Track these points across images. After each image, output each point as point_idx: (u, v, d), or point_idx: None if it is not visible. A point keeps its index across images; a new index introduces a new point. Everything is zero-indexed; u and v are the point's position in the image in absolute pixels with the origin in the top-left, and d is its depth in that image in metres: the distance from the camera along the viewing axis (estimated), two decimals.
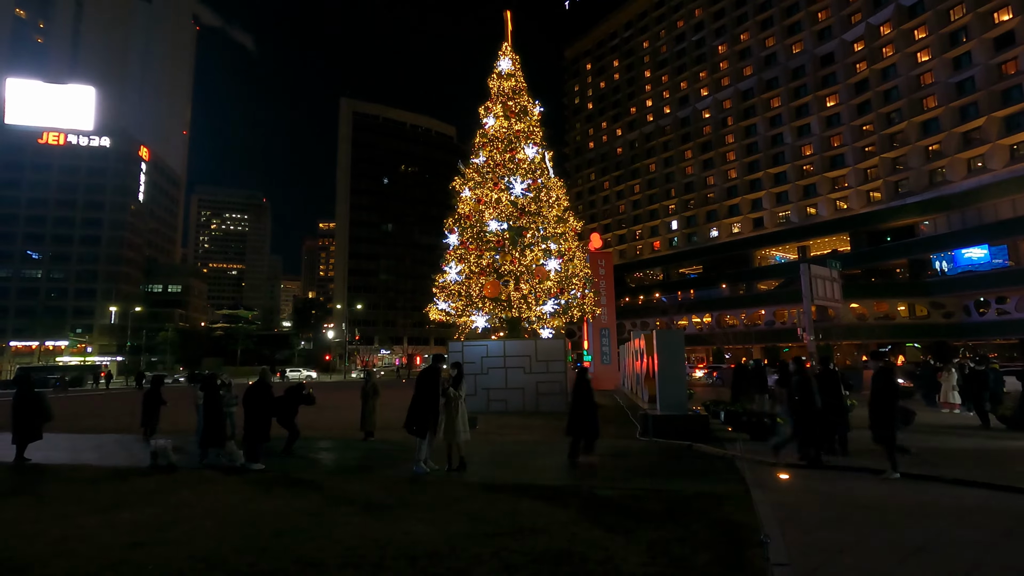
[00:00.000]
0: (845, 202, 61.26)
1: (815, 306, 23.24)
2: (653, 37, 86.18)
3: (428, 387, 8.53)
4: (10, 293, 79.11)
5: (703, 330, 67.84)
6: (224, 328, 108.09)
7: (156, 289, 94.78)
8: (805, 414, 8.93)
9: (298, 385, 11.45)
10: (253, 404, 9.96)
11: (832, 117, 62.90)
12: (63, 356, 76.40)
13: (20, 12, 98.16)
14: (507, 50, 23.49)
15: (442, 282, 21.34)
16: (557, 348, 18.90)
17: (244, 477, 8.61)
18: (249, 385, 10.78)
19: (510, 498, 7.00)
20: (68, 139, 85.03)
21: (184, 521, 6.18)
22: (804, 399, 8.96)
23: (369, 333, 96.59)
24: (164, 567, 4.74)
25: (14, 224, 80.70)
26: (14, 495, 7.92)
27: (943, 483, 7.59)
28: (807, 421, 8.93)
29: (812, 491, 7.36)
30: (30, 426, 10.52)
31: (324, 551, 5.05)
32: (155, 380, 13.20)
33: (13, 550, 5.28)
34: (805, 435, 9.00)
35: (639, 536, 5.36)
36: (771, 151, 68.20)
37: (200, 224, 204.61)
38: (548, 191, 21.61)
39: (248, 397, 10.51)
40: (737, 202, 71.20)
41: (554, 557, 4.83)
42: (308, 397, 11.15)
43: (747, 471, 8.33)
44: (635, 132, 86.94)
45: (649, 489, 7.40)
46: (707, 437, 11.24)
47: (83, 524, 6.15)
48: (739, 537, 5.33)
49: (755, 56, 70.76)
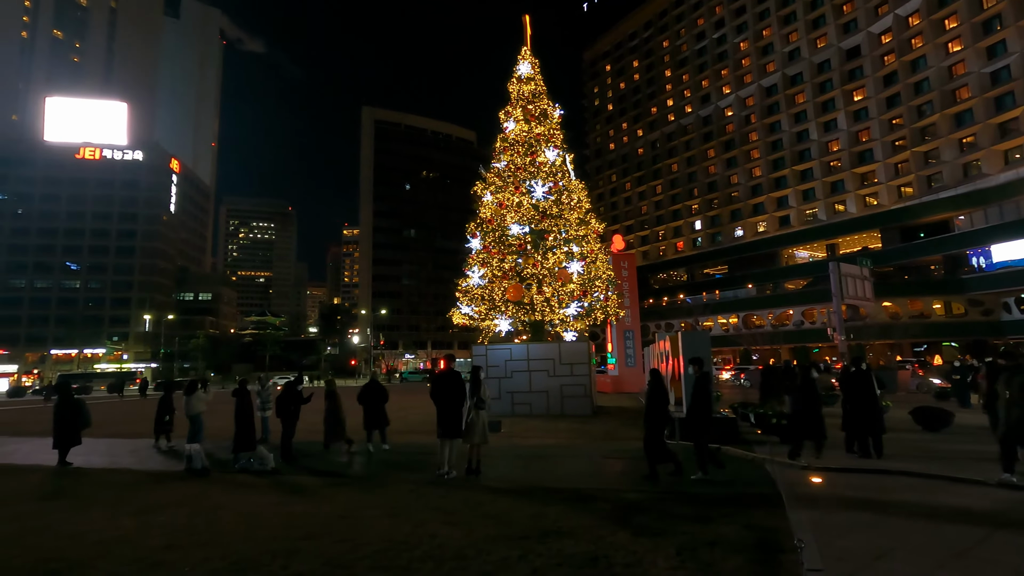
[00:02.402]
0: (875, 198, 59.69)
1: (845, 305, 22.67)
2: (673, 36, 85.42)
3: (451, 391, 8.58)
4: (51, 303, 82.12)
5: (729, 331, 66.75)
6: (253, 334, 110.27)
7: (188, 297, 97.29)
8: (803, 417, 9.26)
9: (295, 380, 11.58)
10: (287, 408, 10.27)
11: (859, 112, 61.40)
12: (100, 363, 78.89)
13: (58, 33, 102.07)
14: (526, 54, 23.55)
15: (465, 286, 21.43)
16: (581, 351, 18.81)
17: (274, 480, 8.77)
18: (281, 390, 11.02)
19: (535, 502, 6.99)
20: (103, 154, 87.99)
21: (217, 523, 6.33)
22: (806, 402, 9.31)
23: (393, 338, 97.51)
24: (199, 568, 4.87)
25: (54, 237, 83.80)
26: (57, 498, 8.22)
27: (987, 486, 7.31)
28: (802, 423, 9.28)
29: (845, 495, 7.16)
30: (71, 431, 10.93)
31: (353, 553, 5.12)
32: (166, 387, 13.53)
33: (58, 550, 5.48)
34: (796, 434, 9.31)
35: (667, 540, 5.30)
36: (796, 148, 66.89)
37: (229, 233, 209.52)
38: (569, 194, 21.56)
39: (281, 402, 10.75)
40: (762, 200, 69.95)
41: (581, 561, 4.80)
42: (305, 396, 11.41)
43: (777, 474, 8.17)
44: (656, 132, 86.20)
45: (676, 492, 7.31)
46: (735, 440, 11.05)
47: (122, 526, 6.35)
48: (770, 541, 5.23)
49: (778, 52, 69.55)
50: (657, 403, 8.22)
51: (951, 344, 51.77)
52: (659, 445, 8.10)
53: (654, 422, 8.17)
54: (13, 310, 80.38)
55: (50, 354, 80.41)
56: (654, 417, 8.19)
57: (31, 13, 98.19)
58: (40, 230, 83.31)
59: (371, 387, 11.76)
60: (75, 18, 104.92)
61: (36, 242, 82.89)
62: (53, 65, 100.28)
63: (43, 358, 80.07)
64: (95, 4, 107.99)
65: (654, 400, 8.25)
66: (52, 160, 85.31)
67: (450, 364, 8.99)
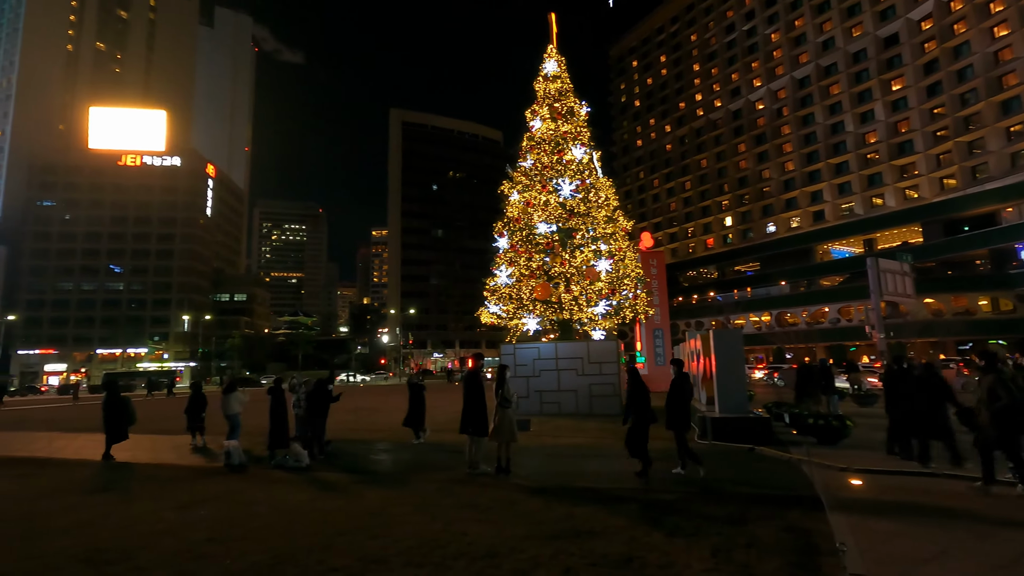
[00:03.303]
0: (915, 191, 57.51)
1: (885, 302, 21.94)
2: (701, 29, 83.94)
3: (475, 389, 8.62)
4: (96, 305, 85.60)
5: (762, 329, 65.32)
6: (286, 334, 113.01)
7: (223, 298, 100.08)
8: (928, 417, 8.69)
9: (325, 379, 11.77)
10: (317, 406, 10.49)
11: (898, 101, 59.27)
12: (143, 362, 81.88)
13: (100, 45, 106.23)
14: (552, 52, 23.46)
15: (492, 285, 21.48)
16: (610, 350, 18.67)
17: (308, 477, 8.96)
18: (312, 388, 11.25)
19: (566, 501, 6.97)
20: (144, 160, 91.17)
21: (255, 518, 6.50)
22: (932, 400, 8.67)
23: (422, 337, 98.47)
24: (240, 561, 5.01)
25: (98, 241, 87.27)
26: (105, 491, 8.57)
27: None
28: (928, 422, 8.69)
29: (887, 498, 6.93)
30: (117, 428, 11.40)
31: (387, 550, 5.19)
32: (195, 386, 13.67)
33: (108, 541, 5.72)
34: (923, 435, 8.76)
35: (701, 541, 5.22)
36: (831, 140, 64.95)
37: (262, 235, 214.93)
38: (597, 191, 21.40)
39: (312, 399, 10.99)
40: (795, 195, 68.17)
41: (614, 561, 4.77)
42: (335, 395, 11.55)
43: (815, 475, 7.96)
44: (685, 128, 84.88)
45: (710, 493, 7.19)
46: (770, 440, 10.81)
47: (166, 519, 6.58)
48: (808, 544, 5.10)
49: (811, 42, 67.64)
50: (640, 400, 8.33)
51: (998, 342, 49.60)
52: (640, 442, 8.27)
53: (639, 418, 8.32)
54: (62, 311, 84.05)
55: (96, 353, 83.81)
56: (639, 414, 8.34)
57: (76, 27, 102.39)
58: (86, 235, 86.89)
59: (413, 387, 12.60)
60: (116, 30, 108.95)
61: (82, 246, 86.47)
62: (96, 76, 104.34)
63: (90, 357, 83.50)
64: (135, 16, 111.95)
65: (637, 397, 8.37)
66: (96, 167, 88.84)
67: (477, 363, 9.02)
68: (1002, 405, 6.88)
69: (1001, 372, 7.01)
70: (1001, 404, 6.89)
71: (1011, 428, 6.84)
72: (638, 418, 8.29)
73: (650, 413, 8.30)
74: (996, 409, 6.93)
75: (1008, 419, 6.84)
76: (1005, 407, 6.86)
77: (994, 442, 6.95)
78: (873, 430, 12.04)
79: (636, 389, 8.43)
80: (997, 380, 6.98)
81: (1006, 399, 6.85)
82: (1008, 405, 6.84)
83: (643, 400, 8.27)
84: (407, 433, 12.92)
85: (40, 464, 11.10)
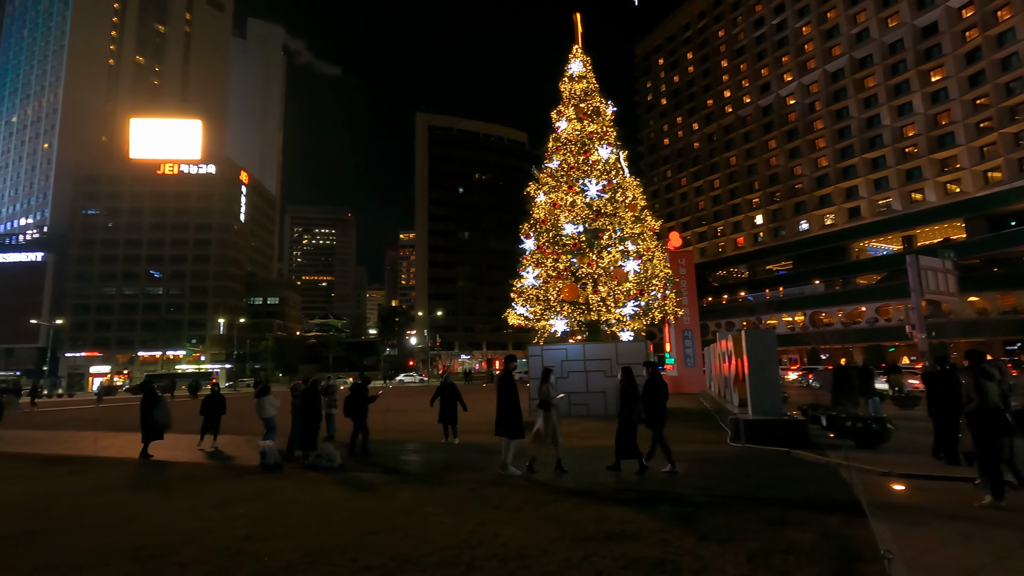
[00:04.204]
0: (957, 185, 55.31)
1: (926, 301, 21.17)
2: (729, 25, 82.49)
3: (508, 391, 8.62)
4: (137, 309, 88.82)
5: (795, 329, 63.76)
6: (317, 336, 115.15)
7: (257, 302, 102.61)
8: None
9: (362, 382, 11.93)
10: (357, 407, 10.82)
11: (938, 93, 57.14)
12: (181, 364, 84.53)
13: (140, 59, 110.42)
14: (577, 52, 23.38)
15: (520, 287, 21.49)
16: (638, 351, 18.47)
17: (341, 477, 9.11)
18: (351, 390, 11.48)
19: (597, 503, 6.92)
20: (181, 168, 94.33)
21: (290, 517, 6.64)
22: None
23: (449, 339, 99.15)
24: (277, 558, 5.12)
25: (139, 247, 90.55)
26: (147, 489, 8.88)
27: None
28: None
29: (932, 503, 6.67)
30: (154, 427, 11.82)
31: (419, 549, 5.24)
32: (213, 386, 13.89)
33: (151, 537, 5.92)
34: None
35: (736, 546, 5.11)
36: (866, 135, 62.99)
37: (293, 240, 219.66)
38: (624, 191, 21.22)
39: (351, 402, 11.25)
40: (829, 192, 66.32)
41: (647, 565, 4.71)
42: (371, 396, 11.73)
43: (855, 480, 7.72)
44: (713, 125, 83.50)
45: (744, 497, 7.04)
46: (806, 443, 10.54)
47: (205, 516, 6.78)
48: (849, 551, 4.95)
49: (844, 34, 65.78)
50: (629, 399, 8.50)
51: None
52: (628, 440, 8.40)
53: (626, 417, 8.46)
54: (105, 316, 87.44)
55: (137, 356, 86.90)
56: (626, 412, 8.48)
57: (116, 42, 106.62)
58: (127, 241, 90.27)
59: (446, 387, 12.81)
60: (154, 44, 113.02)
61: (124, 253, 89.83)
62: (136, 89, 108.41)
63: (132, 359, 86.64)
64: (172, 30, 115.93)
65: (627, 396, 8.55)
66: (137, 176, 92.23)
67: (508, 365, 9.03)
68: (972, 408, 6.61)
69: (982, 373, 6.65)
70: (971, 407, 6.63)
71: (981, 433, 6.52)
72: (625, 419, 8.53)
73: (664, 413, 8.75)
74: (967, 412, 6.70)
75: (977, 423, 6.54)
76: (974, 411, 6.58)
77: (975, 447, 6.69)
78: (915, 433, 11.63)
79: (628, 389, 8.64)
80: (972, 382, 6.69)
81: (976, 402, 6.57)
82: (978, 409, 6.54)
83: (632, 401, 8.55)
84: (437, 433, 13.08)
85: (86, 462, 11.56)
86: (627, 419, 8.54)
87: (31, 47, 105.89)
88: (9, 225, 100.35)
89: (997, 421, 6.45)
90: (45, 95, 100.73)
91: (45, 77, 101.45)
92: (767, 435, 10.77)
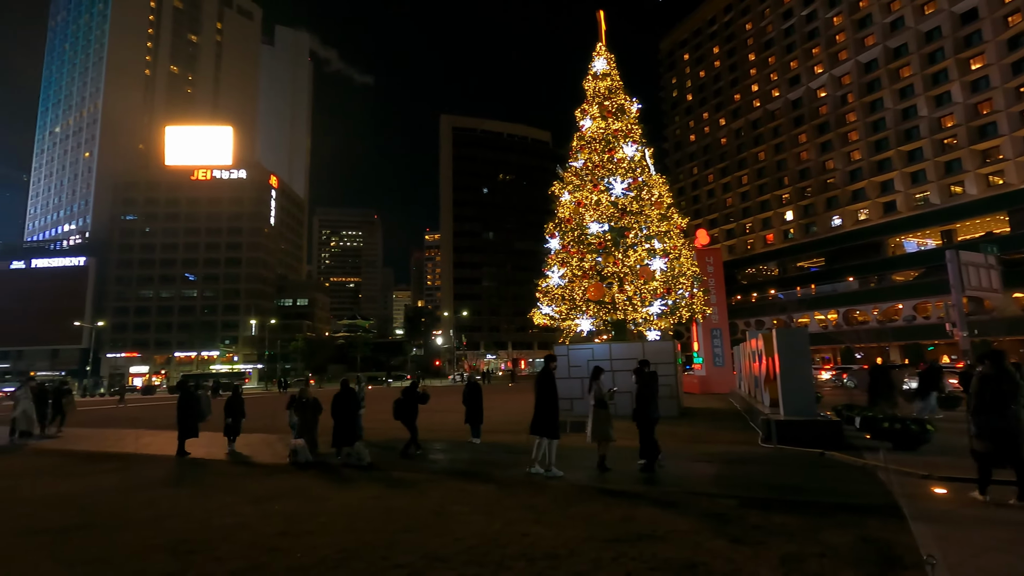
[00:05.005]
0: (1000, 176, 53.11)
1: (967, 297, 20.41)
2: (756, 17, 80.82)
3: (546, 389, 8.59)
4: (173, 311, 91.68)
5: (828, 328, 62.07)
6: (345, 337, 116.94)
7: (287, 303, 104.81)
8: None
9: (413, 384, 12.13)
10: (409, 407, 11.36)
11: (978, 81, 54.97)
12: (215, 364, 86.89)
13: (174, 68, 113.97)
14: (601, 50, 23.21)
15: (545, 286, 21.44)
16: (666, 350, 18.26)
17: (371, 475, 9.24)
18: (403, 392, 11.70)
19: (626, 503, 6.87)
20: (213, 174, 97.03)
21: (322, 514, 6.76)
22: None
23: (475, 339, 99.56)
24: (310, 555, 5.23)
25: (174, 251, 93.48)
26: (185, 486, 9.16)
27: None
28: None
29: (977, 508, 6.43)
30: (190, 425, 12.18)
31: (448, 548, 5.28)
32: (234, 387, 14.01)
33: (188, 533, 6.11)
34: None
35: (769, 549, 5.01)
36: (902, 126, 60.98)
37: (321, 242, 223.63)
38: (650, 189, 20.98)
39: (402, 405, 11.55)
40: (862, 186, 64.40)
41: (677, 566, 4.66)
42: (423, 395, 11.85)
43: (893, 483, 7.49)
44: (740, 120, 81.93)
45: (777, 499, 6.89)
46: (840, 445, 10.25)
47: (240, 512, 6.96)
48: (889, 555, 4.81)
49: (878, 23, 63.78)
50: (645, 398, 8.87)
51: None
52: (650, 438, 8.75)
53: (644, 416, 8.74)
54: (144, 318, 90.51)
55: (174, 356, 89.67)
56: (643, 411, 8.79)
57: (152, 53, 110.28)
58: (163, 246, 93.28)
59: (472, 387, 13.06)
60: (187, 54, 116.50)
61: (160, 257, 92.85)
62: (171, 97, 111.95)
63: (169, 360, 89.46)
64: (204, 40, 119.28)
65: (643, 395, 8.93)
66: (172, 182, 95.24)
67: (548, 364, 9.00)
68: (975, 405, 6.63)
69: (1001, 371, 6.51)
70: (973, 404, 6.66)
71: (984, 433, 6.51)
72: (643, 418, 8.75)
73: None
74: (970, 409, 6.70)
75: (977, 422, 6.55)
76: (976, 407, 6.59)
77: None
78: (957, 434, 11.21)
79: (644, 388, 8.96)
80: (979, 379, 6.67)
81: (974, 400, 6.61)
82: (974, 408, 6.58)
83: (650, 399, 8.88)
84: (465, 433, 13.18)
85: (128, 459, 11.98)
86: (646, 418, 8.74)
87: (72, 60, 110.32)
88: (54, 231, 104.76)
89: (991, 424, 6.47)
90: (86, 106, 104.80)
91: (85, 88, 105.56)
92: (800, 436, 10.53)
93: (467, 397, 12.98)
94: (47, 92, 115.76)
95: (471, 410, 12.85)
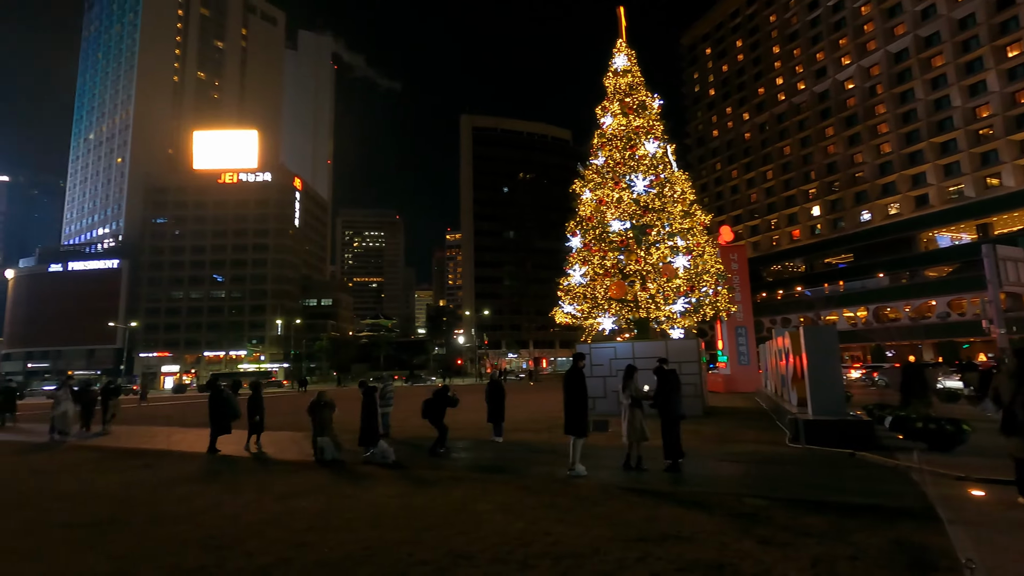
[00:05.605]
0: None
1: (1004, 293, 19.71)
2: (780, 9, 79.20)
3: (576, 388, 8.57)
4: (203, 311, 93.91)
5: (857, 325, 60.59)
6: (368, 336, 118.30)
7: (312, 303, 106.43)
8: None
9: (443, 388, 12.20)
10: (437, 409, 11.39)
11: (1015, 69, 53.00)
12: (243, 364, 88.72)
13: (201, 74, 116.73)
14: (621, 47, 23.01)
15: (566, 285, 21.37)
16: (690, 348, 18.05)
17: (396, 473, 9.33)
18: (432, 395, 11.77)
19: (650, 503, 6.81)
20: (239, 177, 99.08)
21: (348, 511, 6.86)
22: None
23: (496, 338, 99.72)
24: (337, 550, 5.31)
25: (203, 253, 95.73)
26: (215, 482, 9.37)
27: None
28: None
29: (1017, 512, 6.21)
30: (221, 423, 12.45)
31: (472, 546, 5.30)
32: (254, 386, 13.67)
33: (218, 528, 6.25)
34: None
35: (799, 551, 4.92)
36: (934, 118, 59.14)
37: (344, 243, 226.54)
38: (672, 185, 20.74)
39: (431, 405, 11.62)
40: (893, 180, 62.68)
41: (705, 567, 4.60)
42: (453, 399, 11.82)
43: (928, 485, 7.28)
44: (764, 114, 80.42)
45: (806, 500, 6.75)
46: (871, 445, 10.00)
47: (268, 508, 7.09)
48: (923, 559, 4.67)
49: (908, 11, 61.95)
50: (667, 395, 8.79)
51: None
52: (674, 437, 8.67)
53: (667, 414, 8.69)
54: (174, 318, 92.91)
55: (204, 356, 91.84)
56: (665, 408, 8.73)
57: (180, 59, 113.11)
58: (192, 248, 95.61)
59: (494, 386, 13.14)
60: (214, 60, 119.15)
61: (189, 259, 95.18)
62: (198, 103, 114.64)
63: (198, 359, 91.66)
64: (229, 46, 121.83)
65: (663, 393, 8.86)
66: (200, 186, 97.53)
67: (576, 363, 9.01)
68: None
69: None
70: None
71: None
72: (666, 416, 8.70)
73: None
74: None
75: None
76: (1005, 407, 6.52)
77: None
78: (994, 435, 10.84)
79: (665, 385, 8.87)
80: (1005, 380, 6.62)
81: (991, 400, 6.60)
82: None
83: (671, 396, 8.77)
84: (487, 431, 13.23)
85: (160, 456, 12.31)
86: (668, 416, 8.73)
87: (105, 69, 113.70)
88: (89, 235, 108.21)
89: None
90: (118, 112, 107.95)
91: (117, 96, 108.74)
92: (829, 436, 10.30)
93: (489, 396, 13.05)
94: (81, 100, 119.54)
95: (493, 408, 12.90)
